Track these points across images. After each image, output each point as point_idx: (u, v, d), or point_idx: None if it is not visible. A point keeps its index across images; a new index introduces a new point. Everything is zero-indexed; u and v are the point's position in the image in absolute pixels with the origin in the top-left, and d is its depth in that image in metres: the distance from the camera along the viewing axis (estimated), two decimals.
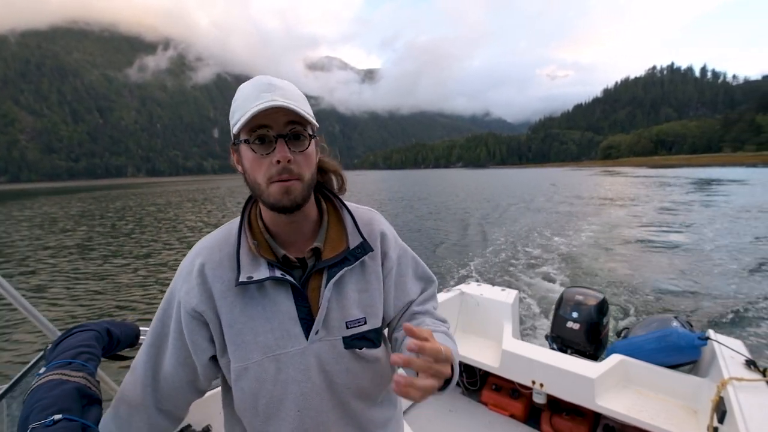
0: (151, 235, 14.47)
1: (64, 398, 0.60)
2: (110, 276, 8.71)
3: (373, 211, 0.85)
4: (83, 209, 27.85)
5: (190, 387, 0.77)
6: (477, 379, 2.50)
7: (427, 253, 9.95)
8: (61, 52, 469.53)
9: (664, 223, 13.62)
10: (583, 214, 16.70)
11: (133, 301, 6.98)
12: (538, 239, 10.93)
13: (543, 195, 27.31)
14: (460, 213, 18.38)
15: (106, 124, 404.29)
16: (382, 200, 27.12)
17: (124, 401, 0.75)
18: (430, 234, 12.87)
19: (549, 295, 6.05)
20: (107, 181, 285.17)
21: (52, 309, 6.67)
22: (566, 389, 1.95)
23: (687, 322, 2.11)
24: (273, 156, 0.63)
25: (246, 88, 0.66)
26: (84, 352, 0.74)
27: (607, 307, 2.48)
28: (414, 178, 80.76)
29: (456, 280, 7.32)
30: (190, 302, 0.70)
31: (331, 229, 0.77)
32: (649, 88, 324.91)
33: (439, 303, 2.55)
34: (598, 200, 22.77)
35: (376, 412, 0.83)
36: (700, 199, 21.03)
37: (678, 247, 9.64)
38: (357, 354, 0.75)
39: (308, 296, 0.72)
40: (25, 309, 0.95)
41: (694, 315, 5.20)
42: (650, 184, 36.37)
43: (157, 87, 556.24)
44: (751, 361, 1.59)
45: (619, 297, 5.99)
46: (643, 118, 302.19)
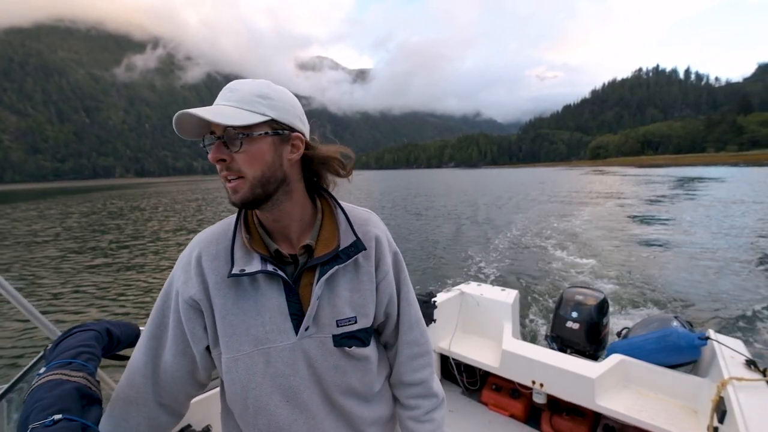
0: (152, 236, 14.44)
1: (64, 398, 0.60)
2: (110, 276, 8.72)
3: (370, 212, 0.85)
4: (79, 210, 27.52)
5: (190, 378, 0.77)
6: (477, 379, 2.50)
7: (427, 252, 10.02)
8: (45, 51, 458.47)
9: (664, 222, 13.71)
10: (580, 210, 16.97)
11: (133, 301, 6.98)
12: (535, 239, 10.96)
13: (546, 193, 27.76)
14: (464, 212, 18.39)
15: (93, 124, 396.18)
16: (381, 200, 27.00)
17: (122, 397, 0.74)
18: (428, 233, 12.95)
19: (549, 295, 6.10)
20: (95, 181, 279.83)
21: (52, 309, 6.67)
22: (566, 389, 1.95)
23: (687, 322, 2.12)
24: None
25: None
26: (84, 352, 0.74)
27: (607, 306, 2.48)
28: (408, 178, 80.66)
29: (457, 279, 7.33)
30: (188, 291, 0.72)
31: (325, 227, 0.78)
32: (635, 89, 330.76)
33: (439, 303, 2.46)
34: (598, 196, 23.26)
35: (368, 410, 0.83)
36: (693, 196, 21.69)
37: (678, 246, 9.70)
38: (346, 352, 0.76)
39: (300, 292, 0.73)
40: (25, 309, 0.94)
41: (694, 315, 5.24)
42: (640, 182, 37.12)
43: (146, 86, 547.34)
44: (751, 361, 1.58)
45: (619, 297, 6.01)
46: (630, 118, 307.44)
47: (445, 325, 2.51)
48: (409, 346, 0.87)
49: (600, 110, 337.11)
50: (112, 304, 6.89)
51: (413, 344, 0.87)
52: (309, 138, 0.76)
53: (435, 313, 2.38)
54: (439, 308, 2.41)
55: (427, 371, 0.89)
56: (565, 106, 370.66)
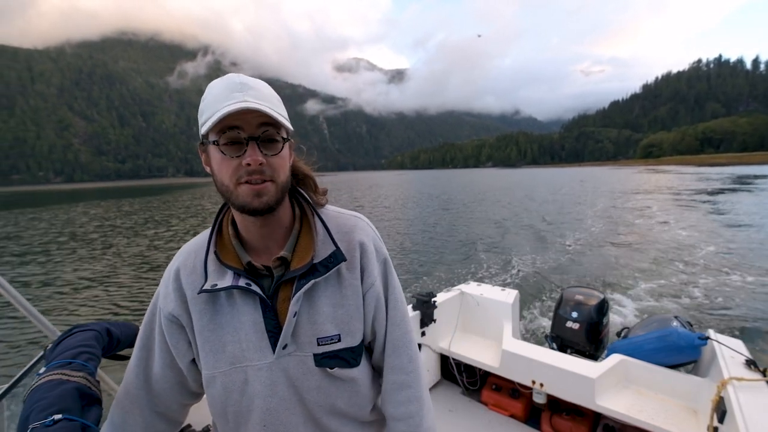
0: (151, 237, 14.41)
1: (64, 398, 0.60)
2: (111, 276, 8.76)
3: (358, 217, 0.79)
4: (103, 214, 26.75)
5: (181, 389, 0.76)
6: (477, 379, 2.49)
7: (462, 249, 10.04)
8: (109, 61, 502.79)
9: (663, 221, 13.36)
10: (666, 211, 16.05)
11: (134, 301, 6.98)
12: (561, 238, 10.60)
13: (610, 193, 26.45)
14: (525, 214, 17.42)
15: (149, 127, 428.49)
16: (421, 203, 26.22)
17: (120, 406, 0.74)
18: (463, 232, 12.81)
19: (549, 295, 6.07)
20: (150, 181, 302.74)
21: (52, 309, 6.64)
22: (566, 389, 1.95)
23: (687, 322, 2.11)
24: (243, 158, 0.60)
25: (217, 86, 0.63)
26: (84, 352, 0.73)
27: (607, 306, 2.48)
28: (447, 178, 78.49)
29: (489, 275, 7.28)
30: (167, 307, 0.70)
31: (303, 238, 0.72)
32: (693, 82, 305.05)
33: (439, 303, 2.45)
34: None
35: (358, 431, 0.78)
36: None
37: (678, 246, 9.48)
38: (328, 373, 0.71)
39: (278, 308, 0.69)
40: (25, 309, 0.94)
41: (694, 315, 5.15)
42: (715, 180, 34.11)
43: (195, 92, 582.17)
44: (751, 360, 1.58)
45: (619, 297, 5.93)
46: (686, 114, 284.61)
47: (445, 325, 2.51)
48: (393, 371, 0.78)
49: (652, 106, 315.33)
50: (112, 304, 6.82)
51: (398, 370, 0.78)
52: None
53: (435, 313, 2.39)
54: (439, 308, 2.42)
55: (413, 406, 0.78)
56: (612, 102, 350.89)
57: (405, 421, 0.78)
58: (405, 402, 0.78)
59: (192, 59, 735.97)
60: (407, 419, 0.78)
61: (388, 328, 0.78)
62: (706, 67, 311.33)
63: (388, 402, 0.79)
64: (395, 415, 0.79)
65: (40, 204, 41.22)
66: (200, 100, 0.63)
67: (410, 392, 0.78)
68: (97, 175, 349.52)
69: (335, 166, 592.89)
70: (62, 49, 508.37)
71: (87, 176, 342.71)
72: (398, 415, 0.78)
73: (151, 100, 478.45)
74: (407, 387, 0.78)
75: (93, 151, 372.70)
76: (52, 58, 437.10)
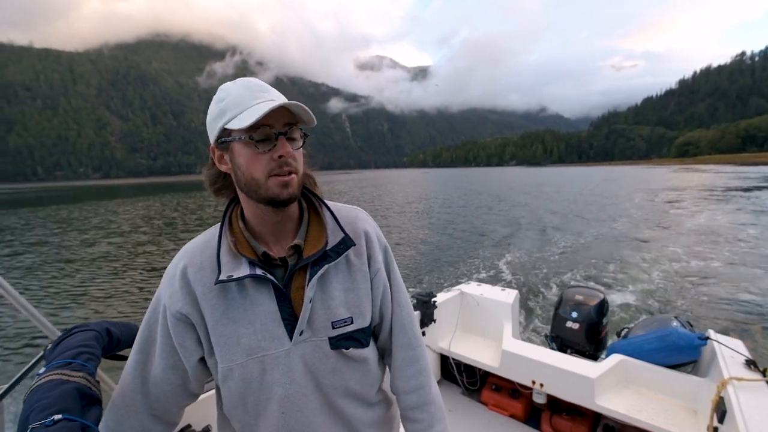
0: (151, 239, 14.29)
1: (64, 398, 0.60)
2: (110, 276, 8.78)
3: (358, 209, 0.84)
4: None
5: (182, 391, 0.77)
6: (477, 379, 2.50)
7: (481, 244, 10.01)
8: (143, 63, 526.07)
9: (664, 221, 13.13)
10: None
11: (134, 301, 7.00)
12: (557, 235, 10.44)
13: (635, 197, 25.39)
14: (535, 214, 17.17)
15: (179, 126, 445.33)
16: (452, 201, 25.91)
17: (115, 409, 0.74)
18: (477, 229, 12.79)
19: (549, 295, 6.07)
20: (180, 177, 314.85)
21: (52, 309, 6.65)
22: (566, 389, 1.95)
23: (687, 322, 2.11)
24: (274, 152, 0.65)
25: (235, 89, 0.67)
26: (84, 352, 0.74)
27: (607, 307, 2.48)
28: (475, 176, 75.64)
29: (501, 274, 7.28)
30: (175, 305, 0.70)
31: (312, 227, 0.77)
32: (736, 76, 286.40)
33: (439, 303, 2.49)
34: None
35: (367, 412, 0.82)
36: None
37: (678, 246, 9.35)
38: (344, 354, 0.75)
39: (292, 296, 0.72)
40: (25, 309, 0.95)
41: (694, 315, 5.08)
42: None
43: None
44: (751, 361, 1.58)
45: (619, 297, 5.91)
46: (727, 111, 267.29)
47: (445, 325, 2.52)
48: (401, 349, 0.85)
49: (689, 102, 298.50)
50: (112, 304, 6.83)
51: (406, 347, 0.85)
52: None
53: (435, 313, 2.39)
54: (439, 308, 2.43)
55: (423, 377, 0.85)
56: (645, 98, 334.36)
57: (416, 392, 0.84)
58: (415, 374, 0.84)
59: (220, 59, 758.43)
60: (418, 390, 0.84)
61: (394, 309, 0.84)
62: (750, 60, 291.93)
63: (399, 377, 0.84)
64: (406, 388, 0.84)
65: (78, 201, 42.65)
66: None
67: (418, 366, 0.85)
68: (131, 171, 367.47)
69: (357, 164, 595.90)
70: (100, 51, 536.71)
71: (122, 172, 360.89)
72: (409, 387, 0.84)
73: (181, 99, 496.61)
74: (415, 361, 0.85)
75: (127, 148, 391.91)
76: (91, 60, 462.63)
